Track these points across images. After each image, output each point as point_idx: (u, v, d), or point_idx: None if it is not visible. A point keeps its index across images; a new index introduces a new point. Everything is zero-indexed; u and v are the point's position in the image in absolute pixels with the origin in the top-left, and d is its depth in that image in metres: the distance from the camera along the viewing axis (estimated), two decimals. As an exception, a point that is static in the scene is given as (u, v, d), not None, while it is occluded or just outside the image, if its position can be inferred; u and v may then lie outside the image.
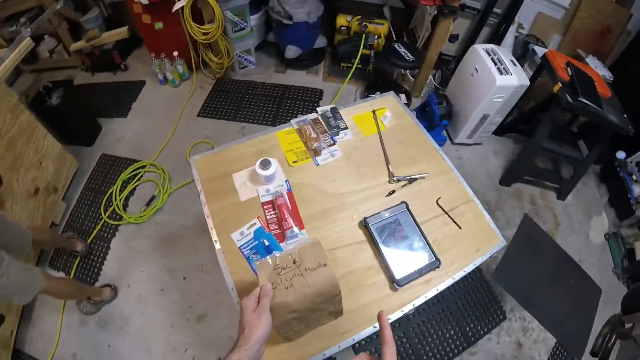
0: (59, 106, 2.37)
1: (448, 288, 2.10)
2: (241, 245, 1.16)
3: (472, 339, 2.08)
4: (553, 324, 2.20)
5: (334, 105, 1.47)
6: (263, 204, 1.23)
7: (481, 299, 2.22)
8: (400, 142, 1.44)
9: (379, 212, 1.21)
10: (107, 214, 2.28)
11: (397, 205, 1.24)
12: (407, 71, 3.10)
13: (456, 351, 2.02)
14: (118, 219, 2.28)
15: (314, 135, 1.36)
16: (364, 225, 1.19)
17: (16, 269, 1.37)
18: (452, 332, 2.07)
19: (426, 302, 2.03)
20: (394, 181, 1.32)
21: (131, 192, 2.40)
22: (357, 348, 1.91)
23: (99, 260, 2.14)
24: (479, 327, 2.12)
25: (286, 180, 1.29)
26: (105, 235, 2.23)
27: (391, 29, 2.97)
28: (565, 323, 2.24)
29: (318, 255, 0.90)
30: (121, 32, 2.90)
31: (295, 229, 1.17)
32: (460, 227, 1.28)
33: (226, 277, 1.09)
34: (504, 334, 2.15)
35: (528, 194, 2.77)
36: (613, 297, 2.40)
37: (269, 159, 1.22)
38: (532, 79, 2.57)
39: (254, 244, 1.16)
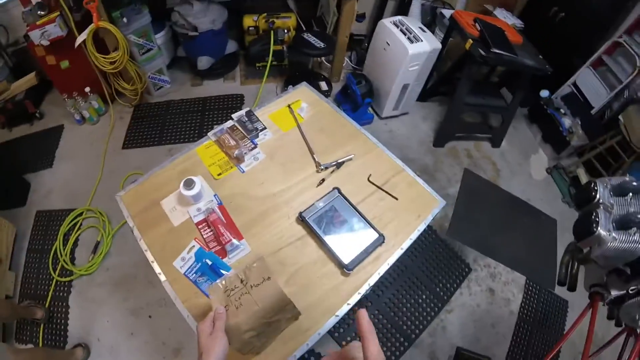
0: (-20, 173, 2.21)
1: (408, 256, 2.16)
2: (185, 271, 1.13)
3: (445, 297, 2.15)
4: (518, 263, 2.31)
5: (248, 109, 1.44)
6: (197, 224, 1.20)
7: (443, 258, 2.29)
8: (321, 130, 1.44)
9: (313, 204, 1.21)
10: (57, 273, 2.15)
11: (330, 192, 1.25)
12: (323, 58, 3.13)
13: (433, 313, 2.09)
14: (69, 275, 2.16)
15: (232, 143, 1.33)
16: (301, 220, 1.19)
17: None
18: (424, 297, 2.13)
19: (390, 275, 2.08)
20: (322, 169, 1.32)
21: (75, 244, 2.28)
22: (336, 337, 1.93)
23: (62, 321, 2.03)
24: (448, 285, 2.19)
25: (215, 195, 1.26)
26: (61, 294, 2.11)
27: (299, 20, 2.96)
28: (530, 259, 2.37)
29: (261, 270, 0.91)
30: (30, 79, 2.73)
31: (235, 241, 1.15)
32: (396, 199, 1.30)
33: (179, 306, 1.06)
34: (473, 285, 2.23)
35: (463, 149, 2.88)
36: (569, 225, 2.51)
37: (192, 178, 1.19)
38: (444, 42, 2.66)
39: (198, 266, 1.13)
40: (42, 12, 2.27)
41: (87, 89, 2.71)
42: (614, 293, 1.13)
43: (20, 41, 2.87)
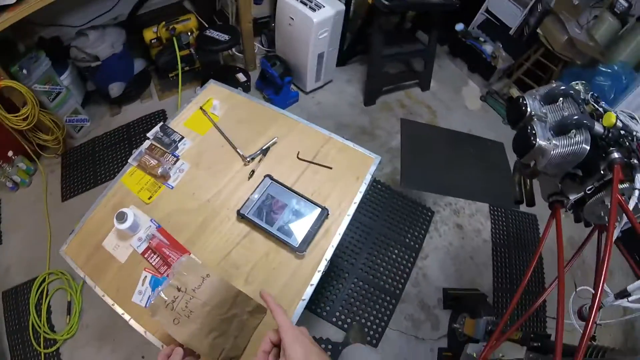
0: None
1: (369, 217, 2.19)
2: (146, 303, 1.11)
3: (416, 246, 2.20)
4: (477, 193, 2.39)
5: (161, 123, 1.40)
6: (142, 253, 1.17)
7: (404, 210, 2.33)
8: (239, 122, 1.42)
9: (248, 198, 1.20)
10: (42, 346, 2.09)
11: (262, 181, 1.24)
12: (234, 50, 3.08)
13: (410, 265, 2.14)
14: (54, 344, 2.10)
15: (154, 162, 1.29)
16: (241, 217, 1.18)
17: None
18: (397, 251, 2.17)
19: (358, 240, 2.11)
20: (249, 161, 1.30)
21: (48, 311, 2.20)
22: (325, 316, 1.95)
23: (63, 390, 1.97)
24: (416, 234, 2.24)
25: (151, 219, 1.22)
26: (53, 365, 2.05)
27: (199, 19, 2.87)
28: (487, 186, 2.44)
29: (196, 270, 0.89)
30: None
31: (183, 258, 1.13)
32: (330, 168, 1.30)
33: (151, 340, 1.07)
34: (440, 226, 2.30)
35: (395, 100, 2.91)
36: (516, 144, 2.65)
37: (123, 210, 1.15)
38: (348, 1, 2.64)
39: (154, 295, 1.11)
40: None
41: (10, 153, 2.56)
42: (573, 197, 1.14)
43: None
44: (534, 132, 1.06)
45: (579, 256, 1.40)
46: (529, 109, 1.13)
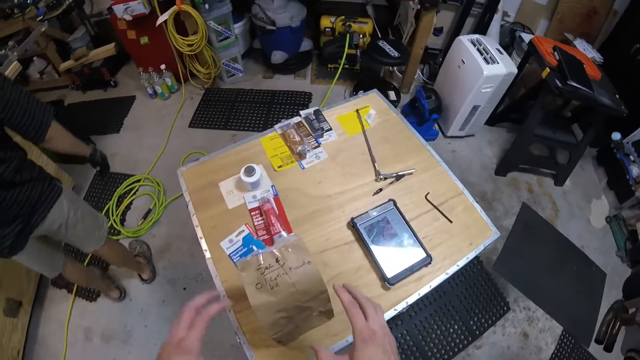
0: (50, 127, 2.38)
1: (448, 282, 2.09)
2: (231, 253, 1.16)
3: (477, 332, 2.06)
4: (558, 312, 2.17)
5: (316, 108, 1.46)
6: (250, 210, 1.23)
7: (483, 292, 2.19)
8: (386, 139, 1.43)
9: (367, 212, 1.20)
10: (105, 230, 2.29)
11: (385, 203, 1.23)
12: (395, 68, 3.10)
13: (461, 346, 2.00)
14: (116, 234, 2.28)
15: (297, 138, 1.35)
16: (352, 225, 1.18)
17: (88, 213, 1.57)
18: (456, 327, 2.05)
19: (427, 298, 2.03)
20: (381, 179, 1.30)
21: (128, 207, 2.41)
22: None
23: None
24: (483, 320, 2.10)
25: (272, 186, 1.28)
26: (105, 252, 2.24)
27: (376, 26, 2.96)
28: (571, 310, 2.21)
29: (301, 253, 0.89)
30: (108, 49, 2.92)
31: (284, 233, 1.16)
32: (451, 221, 1.26)
33: (217, 284, 1.10)
34: (509, 325, 2.13)
35: (525, 182, 2.75)
36: (618, 281, 2.37)
37: (254, 165, 1.21)
38: (520, 67, 2.55)
39: (243, 250, 1.15)
40: (127, -11, 2.37)
41: (163, 66, 2.85)
42: None
43: (103, 13, 3.07)
44: None
45: None
46: None
